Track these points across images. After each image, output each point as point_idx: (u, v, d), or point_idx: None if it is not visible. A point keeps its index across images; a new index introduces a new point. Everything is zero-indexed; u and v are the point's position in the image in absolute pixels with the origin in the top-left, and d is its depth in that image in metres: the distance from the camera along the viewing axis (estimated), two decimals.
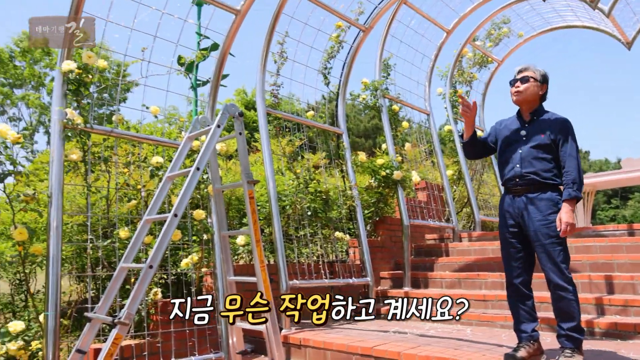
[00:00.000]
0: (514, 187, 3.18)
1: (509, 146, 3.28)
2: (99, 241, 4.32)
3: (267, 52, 5.48)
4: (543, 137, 3.10)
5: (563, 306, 2.94)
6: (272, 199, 5.08)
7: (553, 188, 3.07)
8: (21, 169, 4.35)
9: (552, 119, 3.18)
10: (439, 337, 4.27)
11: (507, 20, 8.13)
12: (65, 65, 3.97)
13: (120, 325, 3.05)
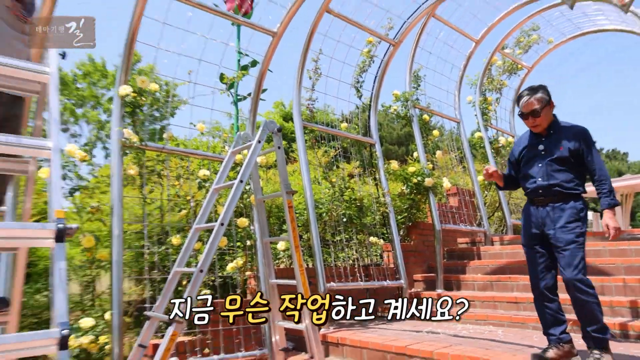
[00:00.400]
0: (537, 198, 3.23)
1: (529, 161, 3.32)
2: (154, 247, 4.61)
3: (302, 70, 5.69)
4: (562, 150, 3.15)
5: (585, 309, 2.96)
6: (310, 206, 5.23)
7: (575, 198, 3.11)
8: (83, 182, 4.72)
9: (569, 131, 3.22)
10: (470, 337, 4.29)
11: (536, 28, 8.05)
12: (122, 89, 4.31)
13: (176, 323, 3.31)
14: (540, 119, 3.24)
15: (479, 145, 7.79)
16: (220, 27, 5.27)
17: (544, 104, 3.22)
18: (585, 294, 2.94)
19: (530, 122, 3.29)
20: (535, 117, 3.23)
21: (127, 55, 4.46)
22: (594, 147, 3.19)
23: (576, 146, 3.14)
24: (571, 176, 3.13)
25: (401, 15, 6.21)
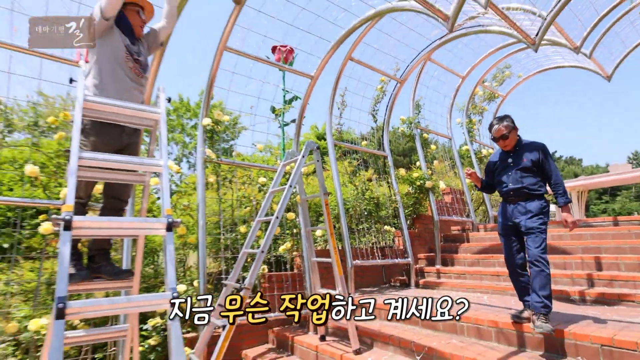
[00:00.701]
0: (509, 198, 3.25)
1: (501, 171, 3.35)
2: (227, 234, 4.74)
3: (332, 102, 5.77)
4: (525, 161, 3.19)
5: (541, 278, 2.94)
6: (340, 204, 5.30)
7: (539, 197, 3.14)
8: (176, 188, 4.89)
9: (530, 146, 3.25)
10: None
11: (508, 66, 7.94)
12: (204, 120, 4.47)
13: (245, 289, 3.40)
14: (509, 140, 3.26)
15: (466, 155, 7.72)
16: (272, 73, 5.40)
17: (510, 129, 3.24)
18: (543, 266, 2.95)
19: (501, 143, 3.32)
20: (505, 140, 3.26)
21: (207, 96, 4.63)
22: (550, 158, 3.22)
23: (536, 157, 3.17)
24: (534, 180, 3.15)
25: (405, 60, 6.23)
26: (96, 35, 2.53)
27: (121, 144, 2.64)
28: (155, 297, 1.84)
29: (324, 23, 4.72)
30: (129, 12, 2.72)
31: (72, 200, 1.84)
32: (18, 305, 3.69)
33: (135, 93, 2.67)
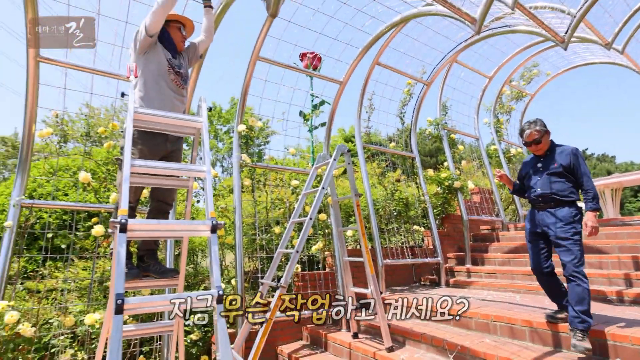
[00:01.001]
0: (538, 204, 3.08)
1: (531, 176, 3.18)
2: (262, 235, 4.83)
3: (361, 106, 5.77)
4: (556, 166, 3.01)
5: (577, 293, 2.75)
6: (370, 204, 5.30)
7: (569, 204, 2.95)
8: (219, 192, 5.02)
9: (563, 151, 3.06)
10: (495, 301, 4.13)
11: (536, 64, 7.68)
12: (240, 127, 4.57)
13: (281, 288, 3.46)
14: (542, 145, 3.11)
15: (495, 155, 7.50)
16: (302, 79, 5.47)
17: (543, 133, 3.09)
18: (580, 281, 2.75)
19: (533, 148, 3.16)
20: (537, 145, 3.11)
21: (242, 104, 4.74)
22: (583, 163, 3.01)
23: (567, 162, 2.99)
24: (565, 186, 2.97)
25: (431, 62, 6.15)
26: (141, 51, 2.68)
27: (165, 151, 2.75)
28: (202, 294, 1.91)
29: (351, 30, 4.74)
30: (171, 29, 2.85)
31: (126, 205, 1.94)
32: (74, 301, 3.90)
33: (177, 103, 2.78)
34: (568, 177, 2.99)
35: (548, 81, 7.95)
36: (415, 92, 6.31)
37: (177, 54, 2.91)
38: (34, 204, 3.68)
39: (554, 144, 3.17)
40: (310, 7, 4.40)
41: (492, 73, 7.13)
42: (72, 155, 4.40)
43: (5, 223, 3.50)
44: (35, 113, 3.80)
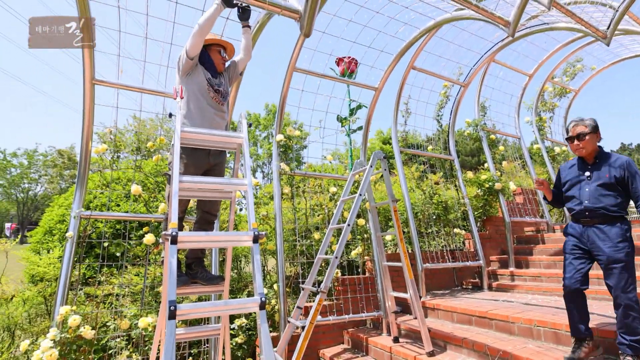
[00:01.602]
0: (583, 219, 2.77)
1: (574, 185, 2.87)
2: (302, 241, 4.92)
3: (397, 111, 5.74)
4: (608, 177, 2.71)
5: (628, 323, 2.52)
6: (408, 208, 5.25)
7: (621, 220, 2.67)
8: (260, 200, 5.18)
9: (615, 161, 2.76)
10: (539, 305, 4.02)
11: (579, 59, 7.26)
12: (278, 137, 4.70)
13: (321, 293, 3.52)
14: (585, 143, 2.80)
15: (538, 154, 7.18)
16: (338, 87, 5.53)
17: (590, 131, 2.80)
18: (633, 311, 2.51)
19: (574, 145, 2.86)
20: (580, 140, 2.81)
21: (280, 114, 4.86)
22: (638, 176, 2.68)
23: (620, 174, 2.70)
24: (616, 201, 2.68)
25: (468, 63, 6.01)
26: (184, 73, 2.89)
27: (208, 164, 2.91)
28: (246, 301, 2.00)
29: (385, 37, 4.74)
30: (212, 52, 3.03)
31: (176, 218, 2.07)
32: (128, 306, 4.17)
33: (217, 119, 2.93)
34: (619, 191, 2.71)
35: (593, 76, 7.51)
36: (452, 94, 6.19)
37: (218, 74, 3.07)
38: (92, 215, 3.97)
39: (603, 151, 2.88)
40: (344, 17, 4.45)
41: (533, 71, 6.84)
42: (123, 169, 4.70)
43: (67, 234, 3.80)
44: (92, 131, 4.11)
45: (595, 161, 2.83)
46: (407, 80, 5.63)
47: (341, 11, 4.32)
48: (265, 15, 3.59)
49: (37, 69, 66.92)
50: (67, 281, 3.72)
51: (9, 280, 5.12)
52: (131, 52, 4.11)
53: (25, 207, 36.24)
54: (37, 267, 5.21)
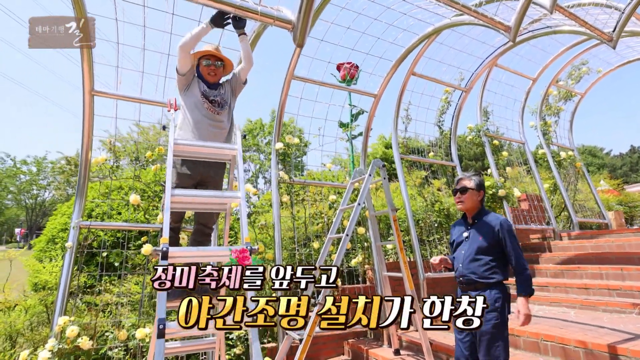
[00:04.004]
0: (460, 285, 2.59)
1: (457, 246, 2.68)
2: (301, 250, 4.88)
3: (397, 118, 5.70)
4: (481, 239, 2.50)
5: None
6: (409, 216, 5.18)
7: (492, 286, 2.41)
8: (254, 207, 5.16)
9: (491, 221, 2.53)
10: (546, 317, 3.87)
11: (585, 62, 7.15)
12: (277, 145, 4.68)
13: (319, 304, 3.46)
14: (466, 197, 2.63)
15: (543, 159, 7.06)
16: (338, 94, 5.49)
17: (473, 187, 2.62)
18: None
19: (456, 198, 2.70)
20: (462, 194, 2.64)
21: (278, 122, 4.84)
22: (514, 237, 2.48)
23: (497, 235, 2.47)
24: (489, 266, 2.45)
25: (469, 68, 5.96)
26: (181, 89, 2.90)
27: (201, 175, 2.87)
28: None
29: (384, 44, 4.72)
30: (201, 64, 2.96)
31: (167, 234, 2.05)
32: (127, 315, 4.15)
33: (212, 130, 2.89)
34: (495, 254, 2.46)
35: (599, 79, 7.38)
36: (453, 99, 6.14)
37: (216, 85, 3.03)
38: (91, 225, 3.97)
39: (484, 210, 2.66)
40: (342, 25, 4.43)
41: (537, 74, 6.77)
42: (122, 178, 4.71)
43: (66, 244, 3.81)
44: (91, 141, 4.12)
45: (474, 221, 2.62)
46: (407, 87, 5.59)
47: (339, 18, 4.30)
48: (260, 26, 3.58)
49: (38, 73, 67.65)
50: (66, 291, 3.72)
51: (13, 288, 5.16)
52: (130, 62, 4.13)
53: (34, 213, 36.70)
54: (39, 276, 5.23)
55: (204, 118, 2.87)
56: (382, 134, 22.45)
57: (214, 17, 2.88)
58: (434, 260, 2.69)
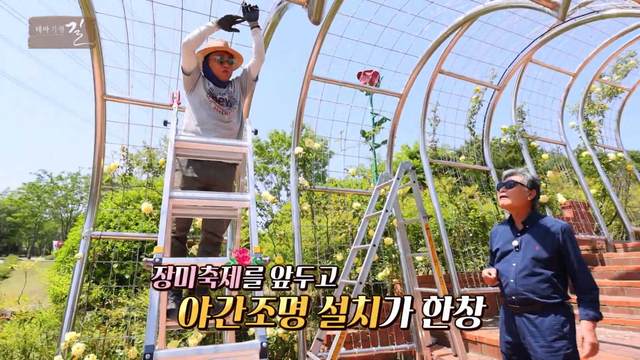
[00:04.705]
0: (510, 304, 2.08)
1: (503, 257, 2.17)
2: (323, 262, 4.52)
3: (424, 119, 5.29)
4: (538, 249, 2.01)
5: None
6: (441, 225, 4.71)
7: (556, 308, 1.94)
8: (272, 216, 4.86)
9: (551, 226, 2.03)
10: (610, 342, 3.25)
11: (633, 54, 6.50)
12: (296, 150, 4.38)
13: None
14: (511, 192, 2.17)
15: (588, 162, 6.43)
16: (359, 97, 5.18)
17: (524, 183, 2.16)
18: None
19: (500, 194, 2.22)
20: (508, 188, 2.18)
21: (297, 126, 4.56)
22: (576, 248, 2.00)
23: (558, 245, 2.01)
24: (549, 283, 1.98)
25: (502, 65, 5.50)
26: (187, 89, 2.69)
27: (212, 179, 2.60)
28: (243, 347, 1.64)
29: (409, 38, 4.37)
30: (211, 61, 2.75)
31: (162, 242, 1.76)
32: (140, 330, 3.90)
33: (218, 130, 2.63)
34: (556, 268, 2.00)
35: None
36: (484, 99, 5.67)
37: (224, 83, 2.80)
38: (102, 235, 3.78)
39: (537, 213, 2.16)
40: (363, 19, 4.13)
41: (577, 70, 6.21)
42: (135, 187, 4.53)
43: (76, 255, 3.61)
44: (104, 148, 3.96)
45: (525, 227, 2.13)
46: (435, 85, 5.18)
47: (359, 12, 4.00)
48: (276, 14, 3.31)
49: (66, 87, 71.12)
50: (74, 304, 3.50)
51: (30, 300, 5.06)
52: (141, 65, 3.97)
53: (69, 226, 38.17)
54: (55, 287, 5.11)
55: (209, 118, 2.61)
56: (405, 144, 21.87)
57: (221, 20, 2.66)
58: (488, 274, 2.19)
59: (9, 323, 4.35)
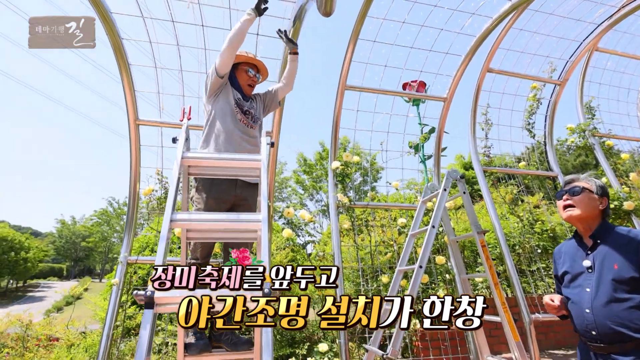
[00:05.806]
0: (590, 342, 1.58)
1: (572, 281, 1.68)
2: (369, 284, 4.13)
3: (474, 123, 4.77)
4: (618, 268, 1.53)
5: None
6: (501, 240, 4.12)
7: None
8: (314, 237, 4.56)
9: (632, 238, 1.56)
10: None
11: None
12: (333, 164, 4.10)
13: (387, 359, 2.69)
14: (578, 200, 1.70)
15: None
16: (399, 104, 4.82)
17: (592, 189, 1.71)
18: None
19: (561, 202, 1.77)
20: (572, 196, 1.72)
21: (334, 139, 4.30)
22: None
23: None
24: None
25: (562, 56, 4.87)
26: (212, 93, 2.51)
27: (235, 199, 2.40)
28: None
29: (448, 36, 3.97)
30: (239, 72, 2.62)
31: (160, 272, 1.53)
32: None
33: (244, 144, 2.45)
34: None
35: None
36: (544, 96, 5.05)
37: (248, 97, 2.64)
38: (138, 260, 3.73)
39: (608, 224, 1.67)
40: (396, 20, 3.82)
41: None
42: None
43: (112, 280, 3.57)
44: (139, 173, 3.97)
45: (597, 242, 1.65)
46: (483, 86, 4.68)
47: (391, 13, 3.70)
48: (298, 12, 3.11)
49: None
50: (110, 332, 3.43)
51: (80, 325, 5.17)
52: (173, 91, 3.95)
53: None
54: (102, 312, 5.18)
55: (236, 129, 2.43)
56: (459, 154, 20.73)
57: (257, 5, 2.43)
58: (550, 300, 1.72)
59: (57, 347, 4.44)
